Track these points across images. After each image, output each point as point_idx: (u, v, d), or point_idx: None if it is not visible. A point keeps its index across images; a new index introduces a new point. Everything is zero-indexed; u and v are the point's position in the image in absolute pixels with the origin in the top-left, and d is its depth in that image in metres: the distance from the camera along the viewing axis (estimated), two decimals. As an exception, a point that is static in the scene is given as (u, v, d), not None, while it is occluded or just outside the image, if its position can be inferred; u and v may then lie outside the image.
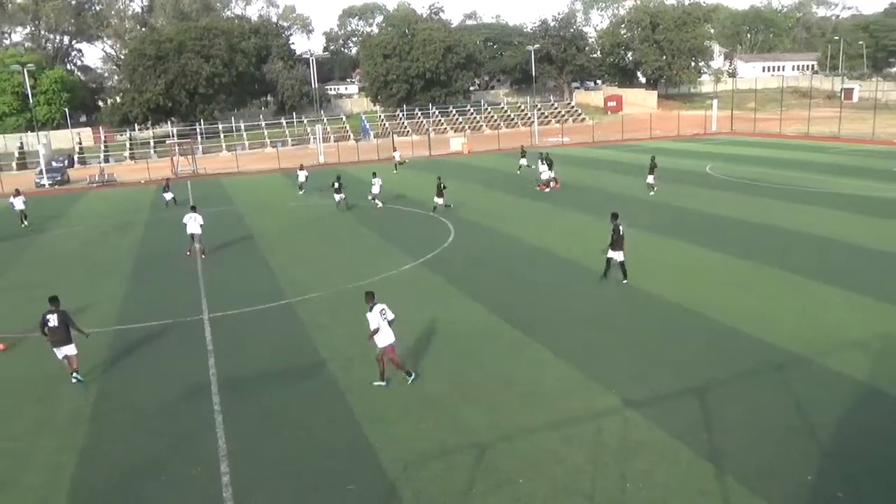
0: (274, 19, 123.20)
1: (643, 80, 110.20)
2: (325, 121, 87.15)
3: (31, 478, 10.25)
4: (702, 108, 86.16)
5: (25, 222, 34.98)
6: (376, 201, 32.31)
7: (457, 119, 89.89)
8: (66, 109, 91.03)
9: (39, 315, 13.94)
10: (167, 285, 21.09)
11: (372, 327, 12.19)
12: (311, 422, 11.49)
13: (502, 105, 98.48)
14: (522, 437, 10.55)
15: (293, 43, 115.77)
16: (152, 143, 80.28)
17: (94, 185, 53.84)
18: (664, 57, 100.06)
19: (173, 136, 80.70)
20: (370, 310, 12.27)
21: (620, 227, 17.68)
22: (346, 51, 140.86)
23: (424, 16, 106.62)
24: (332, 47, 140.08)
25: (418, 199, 34.22)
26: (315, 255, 23.82)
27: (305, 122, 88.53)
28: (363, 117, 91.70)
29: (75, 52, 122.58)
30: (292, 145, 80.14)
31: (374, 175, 33.72)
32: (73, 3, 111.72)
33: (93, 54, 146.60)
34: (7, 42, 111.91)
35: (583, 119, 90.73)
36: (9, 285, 22.42)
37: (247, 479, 9.88)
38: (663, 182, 33.70)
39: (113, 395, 13.05)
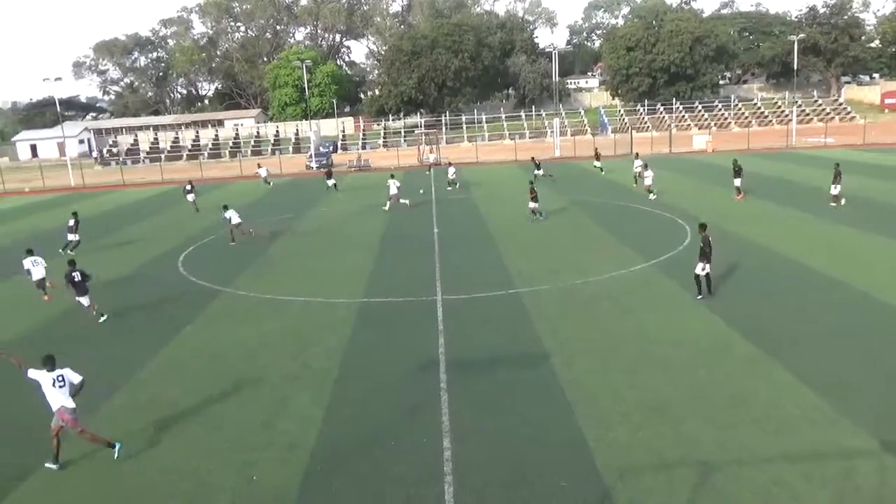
0: (520, 14, 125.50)
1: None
2: (564, 114, 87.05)
3: (285, 424, 11.64)
4: None
5: (270, 183, 48.46)
6: (402, 201, 34.13)
7: (702, 115, 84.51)
8: (334, 100, 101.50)
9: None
10: (407, 265, 22.59)
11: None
12: (529, 412, 11.59)
13: (755, 101, 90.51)
14: (754, 463, 9.65)
15: (537, 37, 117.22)
16: (403, 133, 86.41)
17: (353, 168, 59.44)
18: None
19: (421, 126, 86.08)
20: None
21: (710, 239, 16.57)
22: (588, 44, 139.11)
23: (674, 6, 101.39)
24: (575, 40, 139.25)
25: (658, 199, 32.80)
26: (545, 248, 23.94)
27: (544, 115, 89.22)
28: (602, 111, 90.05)
29: (344, 49, 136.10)
30: (529, 138, 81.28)
31: (392, 177, 35.53)
32: (346, 4, 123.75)
33: (359, 51, 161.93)
34: (292, 41, 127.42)
35: (852, 118, 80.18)
36: (279, 254, 25.61)
37: (465, 457, 10.26)
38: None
39: (356, 361, 14.32)
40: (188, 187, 39.37)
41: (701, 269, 16.85)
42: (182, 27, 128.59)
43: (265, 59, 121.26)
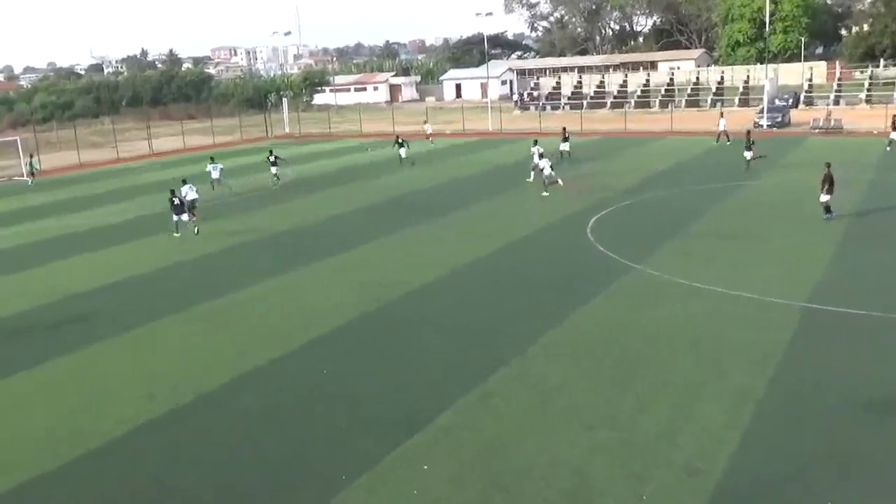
0: None
1: None
2: None
3: (688, 440, 11.58)
4: None
5: (433, 143, 57.33)
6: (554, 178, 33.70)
7: None
8: (803, 39, 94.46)
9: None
10: (883, 263, 20.40)
11: None
12: None
13: None
14: None
15: None
16: (897, 84, 76.44)
17: (816, 130, 54.91)
18: None
19: (927, 76, 74.93)
20: None
21: None
22: None
23: None
24: None
25: None
26: None
27: None
28: None
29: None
30: None
31: (535, 143, 37.28)
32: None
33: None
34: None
35: None
36: (705, 230, 25.30)
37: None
38: None
39: (790, 384, 13.46)
40: (400, 140, 47.14)
41: None
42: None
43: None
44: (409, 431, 12.30)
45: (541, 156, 34.98)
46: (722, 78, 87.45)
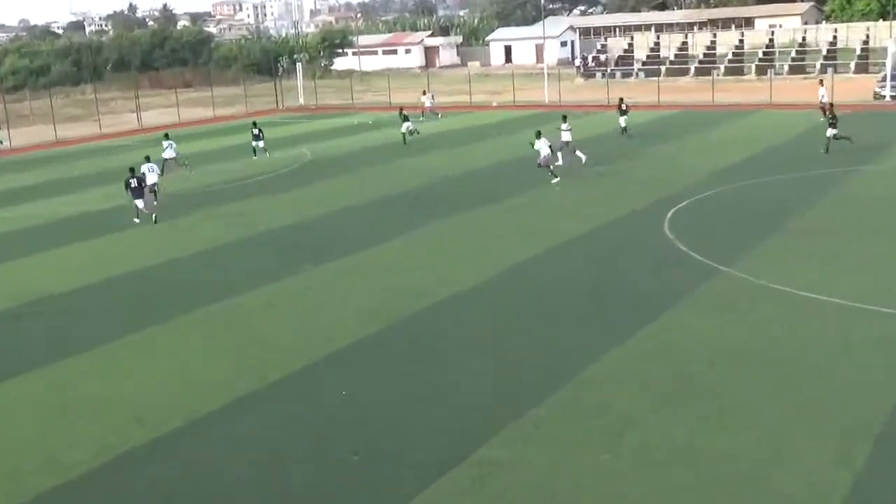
0: None
1: None
2: None
3: (787, 482, 11.41)
4: None
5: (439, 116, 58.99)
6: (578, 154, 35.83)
7: None
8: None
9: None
10: None
11: None
12: None
13: None
14: None
15: None
16: None
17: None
18: None
19: None
20: None
21: None
22: None
23: None
24: None
25: None
26: None
27: None
28: None
29: None
30: None
31: (564, 119, 38.12)
32: None
33: None
34: None
35: None
36: (810, 227, 25.02)
37: None
38: None
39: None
40: (404, 114, 48.81)
41: None
42: None
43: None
44: (443, 468, 12.26)
45: (538, 134, 33.88)
46: (834, 38, 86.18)
